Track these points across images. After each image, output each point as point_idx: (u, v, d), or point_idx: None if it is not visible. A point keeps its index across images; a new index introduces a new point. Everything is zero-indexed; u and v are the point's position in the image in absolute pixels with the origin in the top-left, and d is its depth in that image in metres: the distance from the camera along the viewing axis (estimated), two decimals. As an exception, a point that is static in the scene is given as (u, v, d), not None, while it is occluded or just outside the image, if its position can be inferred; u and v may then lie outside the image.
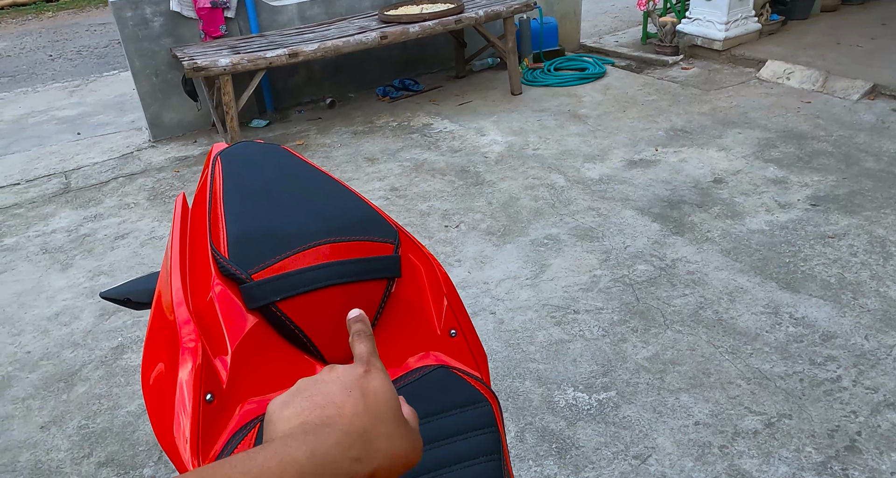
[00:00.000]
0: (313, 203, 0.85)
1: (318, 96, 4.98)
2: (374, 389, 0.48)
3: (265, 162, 0.93)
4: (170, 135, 4.49)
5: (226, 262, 0.76)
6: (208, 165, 0.96)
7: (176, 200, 0.93)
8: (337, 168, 3.78)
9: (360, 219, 0.84)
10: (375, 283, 0.81)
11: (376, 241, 0.83)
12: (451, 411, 0.78)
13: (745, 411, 1.90)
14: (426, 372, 0.81)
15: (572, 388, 2.04)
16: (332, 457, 0.42)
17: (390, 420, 0.47)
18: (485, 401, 0.81)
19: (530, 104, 4.54)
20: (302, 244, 0.78)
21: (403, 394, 0.79)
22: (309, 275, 0.76)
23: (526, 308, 2.44)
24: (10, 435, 2.08)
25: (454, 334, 0.87)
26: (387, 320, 0.83)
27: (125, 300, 0.97)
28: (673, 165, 3.48)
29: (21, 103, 5.77)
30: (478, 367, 0.88)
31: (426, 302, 0.87)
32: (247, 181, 0.88)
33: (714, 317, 2.30)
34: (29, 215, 3.53)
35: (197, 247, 0.83)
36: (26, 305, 2.75)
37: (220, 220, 0.82)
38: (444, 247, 2.89)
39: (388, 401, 0.48)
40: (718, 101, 4.31)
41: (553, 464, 1.78)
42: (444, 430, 0.76)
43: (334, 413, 0.45)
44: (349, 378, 0.48)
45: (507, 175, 3.52)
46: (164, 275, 0.82)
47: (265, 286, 0.75)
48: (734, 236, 2.78)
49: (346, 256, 0.79)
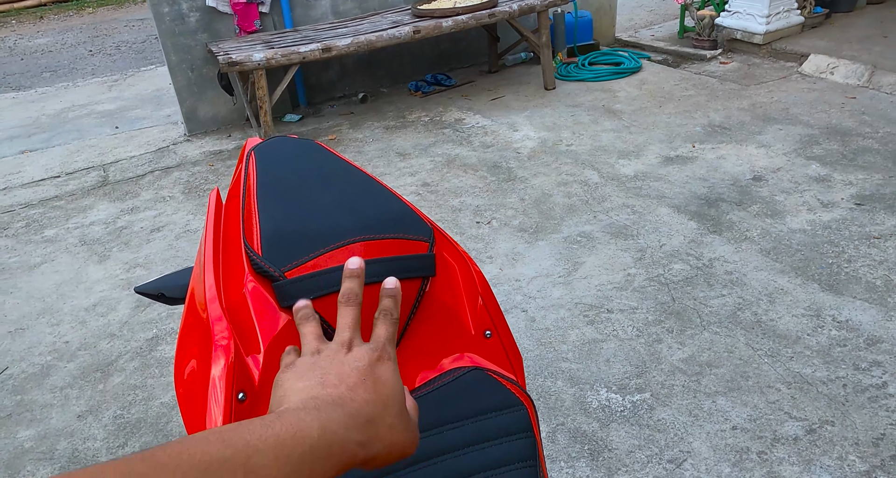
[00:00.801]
0: (347, 200, 0.84)
1: (350, 91, 4.99)
2: (386, 378, 0.49)
3: (299, 158, 0.92)
4: (205, 129, 4.54)
5: (259, 259, 0.75)
6: (242, 160, 0.95)
7: (210, 194, 0.93)
8: (369, 163, 3.78)
9: (395, 216, 0.83)
10: (409, 282, 0.79)
11: (411, 239, 0.81)
12: (486, 414, 0.76)
13: (784, 416, 1.85)
14: (460, 374, 0.79)
15: (605, 389, 2.01)
16: (340, 436, 0.43)
17: (396, 411, 0.48)
18: (520, 404, 0.79)
19: (564, 99, 4.48)
20: (336, 242, 0.77)
21: (438, 396, 0.77)
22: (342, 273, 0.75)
23: (558, 306, 2.40)
24: (48, 423, 2.12)
25: (489, 335, 0.85)
26: (420, 320, 0.81)
27: (159, 295, 0.97)
28: (710, 162, 3.40)
29: (62, 98, 5.90)
30: (513, 369, 0.85)
31: (461, 302, 0.85)
32: (280, 177, 0.87)
33: (753, 318, 2.24)
34: (68, 208, 3.60)
35: (230, 243, 0.82)
36: (65, 295, 2.80)
37: (254, 216, 0.81)
38: (476, 243, 2.87)
39: (396, 392, 0.49)
40: (758, 96, 4.20)
41: (585, 466, 1.75)
42: (478, 434, 0.74)
43: (347, 395, 0.46)
44: (363, 363, 0.49)
45: (539, 171, 3.48)
46: (197, 271, 0.82)
47: (299, 284, 0.73)
48: (774, 236, 2.70)
49: (379, 254, 0.78)
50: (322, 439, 0.42)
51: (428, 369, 0.81)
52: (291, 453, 0.40)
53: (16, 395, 2.25)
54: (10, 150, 4.64)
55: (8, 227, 3.45)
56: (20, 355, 2.44)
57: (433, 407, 0.75)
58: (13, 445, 2.04)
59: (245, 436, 0.40)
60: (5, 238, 3.33)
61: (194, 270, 0.83)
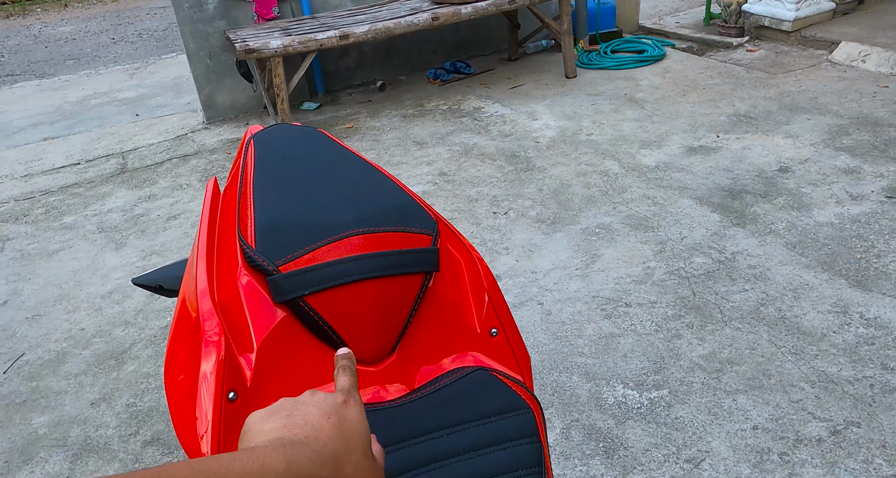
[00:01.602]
0: (347, 190, 0.80)
1: (368, 79, 4.94)
2: (351, 419, 0.51)
3: (300, 146, 0.89)
4: (223, 117, 4.53)
5: (252, 252, 0.71)
6: (242, 148, 0.92)
7: (207, 184, 0.90)
8: (386, 152, 3.74)
9: (397, 208, 0.79)
10: (411, 277, 0.75)
11: (413, 232, 0.77)
12: (490, 417, 0.72)
13: (808, 416, 1.78)
14: (464, 374, 0.75)
15: (622, 385, 1.96)
16: (305, 471, 0.45)
17: (360, 451, 0.50)
18: (526, 407, 0.75)
19: (585, 88, 4.40)
20: (333, 234, 0.73)
21: (440, 397, 0.74)
22: (339, 268, 0.71)
23: (575, 299, 2.35)
24: (62, 410, 2.12)
25: (495, 334, 0.81)
26: (423, 318, 0.78)
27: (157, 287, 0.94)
28: (735, 153, 3.31)
29: (85, 85, 5.94)
30: (520, 369, 0.81)
31: (466, 298, 0.81)
32: (279, 166, 0.84)
33: (777, 314, 2.17)
34: (87, 195, 3.62)
35: (225, 235, 0.79)
36: (82, 282, 2.81)
37: (249, 207, 0.77)
38: (492, 234, 2.82)
39: (361, 433, 0.51)
40: (786, 85, 4.08)
41: (600, 464, 1.71)
42: (481, 439, 0.70)
43: (311, 434, 0.48)
44: (329, 404, 0.51)
45: (558, 161, 3.41)
46: (190, 262, 0.79)
47: (293, 279, 0.70)
48: (800, 229, 2.62)
49: (380, 247, 0.74)
50: (287, 473, 0.43)
51: (430, 369, 0.77)
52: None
53: (31, 381, 2.26)
54: (33, 137, 4.68)
55: (28, 213, 3.47)
56: (36, 342, 2.46)
57: (435, 409, 0.72)
58: (28, 431, 2.05)
59: (213, 465, 0.41)
60: (25, 225, 3.36)
61: (188, 261, 0.80)
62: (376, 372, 0.75)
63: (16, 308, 2.67)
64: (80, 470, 1.89)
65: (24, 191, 3.75)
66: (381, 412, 0.70)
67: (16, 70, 6.91)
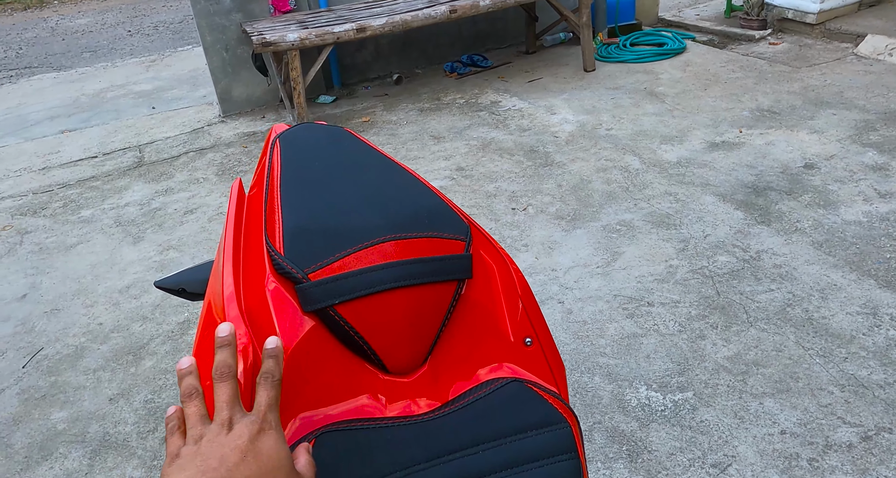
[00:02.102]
0: (377, 193, 0.77)
1: (385, 72, 4.91)
2: (267, 449, 0.52)
3: (327, 147, 0.86)
4: (239, 110, 4.52)
5: (281, 259, 0.69)
6: (267, 148, 0.89)
7: (232, 186, 0.87)
8: (403, 146, 3.71)
9: (429, 212, 0.76)
10: (444, 285, 0.72)
11: (446, 238, 0.74)
12: (526, 432, 0.69)
13: (838, 421, 1.74)
14: (498, 386, 0.72)
15: (645, 386, 1.92)
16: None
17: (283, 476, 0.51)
18: (563, 422, 0.72)
19: (604, 81, 4.34)
20: (364, 241, 0.70)
21: (473, 411, 0.71)
22: (371, 276, 0.68)
23: (596, 298, 2.32)
24: (81, 405, 2.12)
25: (530, 343, 0.78)
26: (455, 327, 0.75)
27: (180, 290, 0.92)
28: (759, 149, 3.25)
29: (101, 78, 5.95)
30: (555, 381, 0.78)
31: (499, 306, 0.77)
32: (306, 168, 0.81)
33: (804, 315, 2.12)
34: (105, 188, 3.62)
35: (252, 239, 0.76)
36: (100, 276, 2.81)
37: (277, 211, 0.74)
38: (511, 231, 2.79)
39: (279, 461, 0.52)
40: (810, 79, 4.00)
41: (623, 468, 1.68)
42: (517, 455, 0.67)
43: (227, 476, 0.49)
44: (244, 440, 0.51)
45: (578, 156, 3.37)
46: (216, 267, 0.76)
47: (323, 288, 0.67)
48: (827, 228, 2.56)
49: (412, 254, 0.71)
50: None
51: (463, 380, 0.74)
52: None
53: (50, 376, 2.26)
54: (50, 129, 4.69)
55: (46, 207, 3.48)
56: (55, 336, 2.46)
57: (468, 423, 0.69)
58: (47, 426, 2.05)
59: None
60: (43, 218, 3.36)
61: (214, 265, 0.78)
62: (408, 383, 0.72)
63: (34, 302, 2.68)
64: (98, 467, 1.88)
65: (43, 184, 3.76)
66: (413, 427, 0.67)
67: (33, 63, 6.94)
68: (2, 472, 1.90)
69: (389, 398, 0.71)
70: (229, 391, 0.55)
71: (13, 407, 2.14)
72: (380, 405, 0.70)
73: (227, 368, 0.56)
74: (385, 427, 0.67)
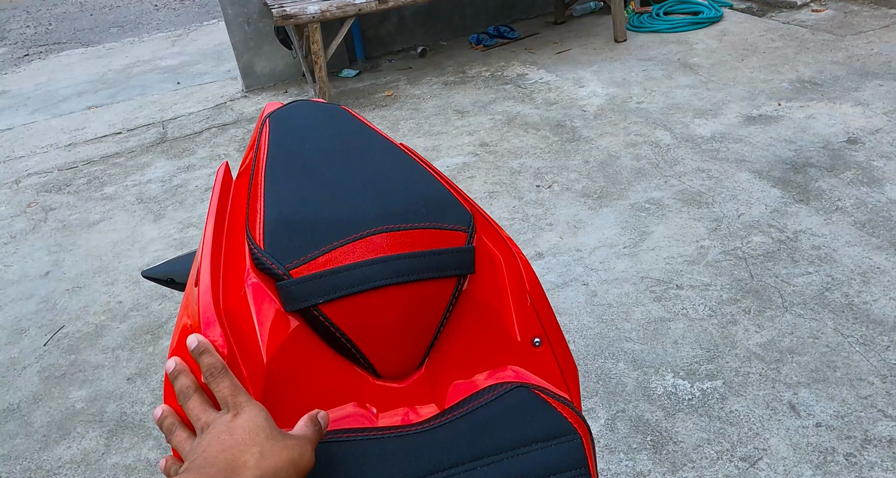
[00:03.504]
0: (372, 179, 0.70)
1: (409, 45, 4.80)
2: (240, 425, 0.53)
3: (320, 127, 0.79)
4: (262, 84, 4.47)
5: (260, 253, 0.62)
6: (258, 129, 0.82)
7: (217, 169, 0.81)
8: (426, 121, 3.62)
9: (427, 200, 0.68)
10: (442, 281, 0.66)
11: (445, 228, 0.67)
12: (531, 445, 0.63)
13: (878, 414, 1.64)
14: (501, 392, 0.66)
15: (672, 374, 1.84)
16: None
17: (263, 440, 0.52)
18: (573, 432, 0.65)
19: (635, 52, 4.17)
20: (353, 233, 0.64)
21: (473, 420, 0.64)
22: (359, 272, 0.62)
23: (622, 280, 2.23)
24: (99, 384, 2.12)
25: (538, 344, 0.71)
26: (455, 327, 0.68)
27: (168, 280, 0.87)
28: (798, 122, 3.09)
29: (128, 53, 5.95)
30: (566, 385, 0.71)
31: (505, 304, 0.70)
32: (295, 151, 0.74)
33: (843, 300, 2.01)
34: (127, 165, 3.61)
35: (235, 230, 0.70)
36: (121, 254, 2.81)
37: (259, 199, 0.68)
38: (535, 209, 2.70)
39: (254, 427, 0.52)
40: (856, 48, 3.78)
41: (647, 459, 1.61)
42: (521, 471, 0.61)
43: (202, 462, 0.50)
44: (219, 429, 0.53)
45: (606, 131, 3.25)
46: (196, 260, 0.70)
47: (305, 286, 0.61)
48: (871, 206, 2.42)
49: (406, 247, 0.64)
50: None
51: (463, 385, 0.68)
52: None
53: (70, 354, 2.27)
54: (78, 105, 4.70)
55: (70, 183, 3.49)
56: (76, 314, 2.46)
57: (468, 435, 0.62)
58: (65, 405, 2.05)
59: None
60: (67, 195, 3.37)
61: (195, 258, 0.72)
62: (401, 389, 0.66)
63: (57, 279, 2.69)
64: (115, 447, 1.88)
65: (68, 160, 3.77)
66: (405, 439, 0.61)
67: (62, 38, 6.96)
68: (21, 451, 1.91)
69: (381, 406, 0.65)
70: (195, 403, 0.56)
71: (34, 385, 2.15)
72: (369, 414, 0.64)
73: (213, 368, 0.56)
74: (374, 439, 0.61)
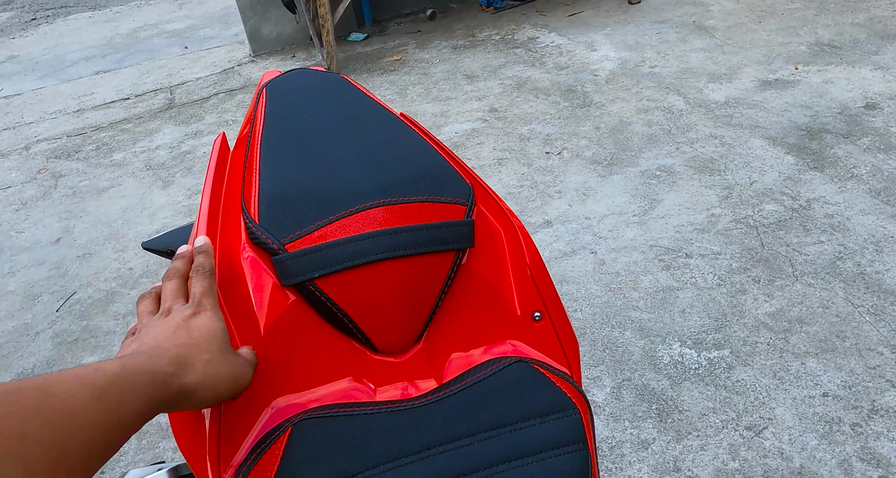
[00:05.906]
0: (370, 153, 0.69)
1: (418, 7, 4.71)
2: (200, 325, 0.55)
3: (319, 97, 0.77)
4: (269, 49, 4.41)
5: (255, 227, 0.62)
6: (255, 99, 0.81)
7: (214, 140, 0.79)
8: (435, 86, 3.57)
9: (426, 172, 0.67)
10: (440, 255, 0.65)
11: (443, 202, 0.65)
12: (530, 420, 0.62)
13: (886, 384, 1.64)
14: (500, 367, 0.65)
15: (679, 343, 1.84)
16: (141, 367, 0.48)
17: (214, 349, 0.54)
18: (572, 407, 0.64)
19: (649, 15, 4.07)
20: (350, 206, 0.62)
21: (470, 396, 0.64)
22: (355, 246, 0.61)
23: (631, 249, 2.21)
24: (111, 350, 2.15)
25: (538, 318, 0.70)
26: (454, 301, 0.67)
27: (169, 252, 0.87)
28: (815, 87, 3.01)
29: (135, 16, 5.88)
30: (566, 360, 0.71)
31: (505, 277, 0.69)
32: (292, 122, 0.72)
33: (855, 270, 1.99)
34: (136, 131, 3.60)
35: (231, 202, 0.69)
36: (130, 221, 2.82)
37: (255, 172, 0.67)
38: (544, 176, 2.67)
39: (210, 333, 0.55)
40: (877, 9, 3.67)
41: (651, 427, 1.62)
42: (518, 447, 0.61)
43: (154, 344, 0.53)
44: (177, 319, 0.55)
45: (618, 96, 3.19)
46: (193, 233, 0.70)
47: (301, 260, 0.60)
48: (887, 174, 2.37)
49: (403, 221, 0.63)
50: (124, 370, 0.46)
51: (461, 360, 0.67)
52: (93, 380, 0.44)
53: (82, 320, 2.29)
54: (86, 70, 4.68)
55: (80, 149, 3.49)
56: (87, 281, 2.48)
57: (465, 410, 0.62)
58: (79, 370, 2.09)
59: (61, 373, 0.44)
60: (77, 161, 3.37)
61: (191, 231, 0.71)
62: (399, 364, 0.65)
63: (67, 246, 2.70)
64: (127, 411, 1.91)
65: (77, 126, 3.76)
66: (402, 414, 0.61)
67: (69, 2, 6.89)
68: (36, 414, 1.95)
69: (378, 381, 0.64)
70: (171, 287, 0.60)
71: (48, 351, 2.19)
72: (366, 389, 0.63)
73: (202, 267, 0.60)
74: (371, 414, 0.60)
